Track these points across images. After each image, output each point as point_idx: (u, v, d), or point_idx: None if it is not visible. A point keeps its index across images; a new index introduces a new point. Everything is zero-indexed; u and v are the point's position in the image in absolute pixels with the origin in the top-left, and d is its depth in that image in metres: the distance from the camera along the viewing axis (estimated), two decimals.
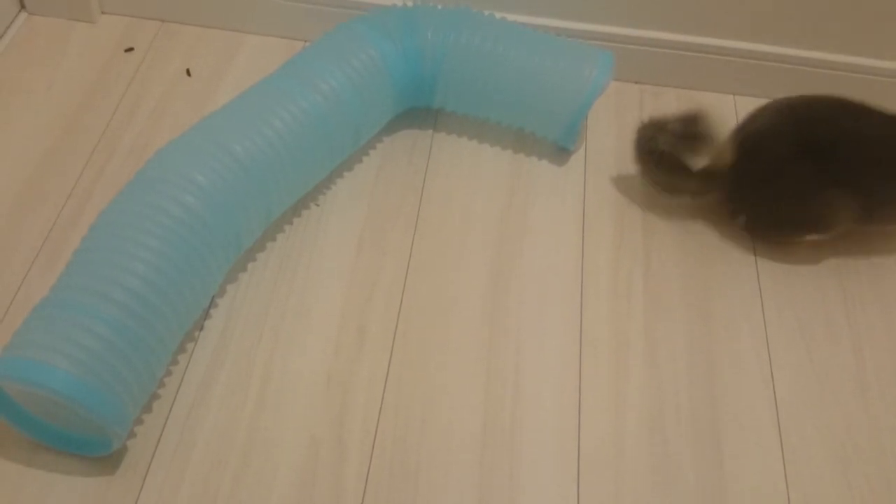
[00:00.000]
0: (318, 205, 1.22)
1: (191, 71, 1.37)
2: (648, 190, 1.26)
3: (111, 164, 1.24)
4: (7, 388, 0.94)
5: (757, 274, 1.19)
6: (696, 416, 1.06)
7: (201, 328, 1.09)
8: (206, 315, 1.10)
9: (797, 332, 1.14)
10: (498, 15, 1.27)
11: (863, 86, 1.37)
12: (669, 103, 1.39)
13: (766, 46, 1.35)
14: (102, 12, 1.44)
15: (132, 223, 0.96)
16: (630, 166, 1.30)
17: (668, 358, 1.10)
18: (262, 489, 0.97)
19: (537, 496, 0.99)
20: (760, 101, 1.39)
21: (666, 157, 1.17)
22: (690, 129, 1.16)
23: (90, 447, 0.97)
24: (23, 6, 1.43)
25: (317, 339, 1.09)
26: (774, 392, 1.08)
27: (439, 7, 1.25)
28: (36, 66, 1.36)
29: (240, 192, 1.04)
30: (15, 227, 1.16)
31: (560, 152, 1.31)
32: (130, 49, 1.39)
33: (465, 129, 1.33)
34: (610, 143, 1.33)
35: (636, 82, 1.42)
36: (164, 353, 0.97)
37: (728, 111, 1.39)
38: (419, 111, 1.33)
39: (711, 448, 1.03)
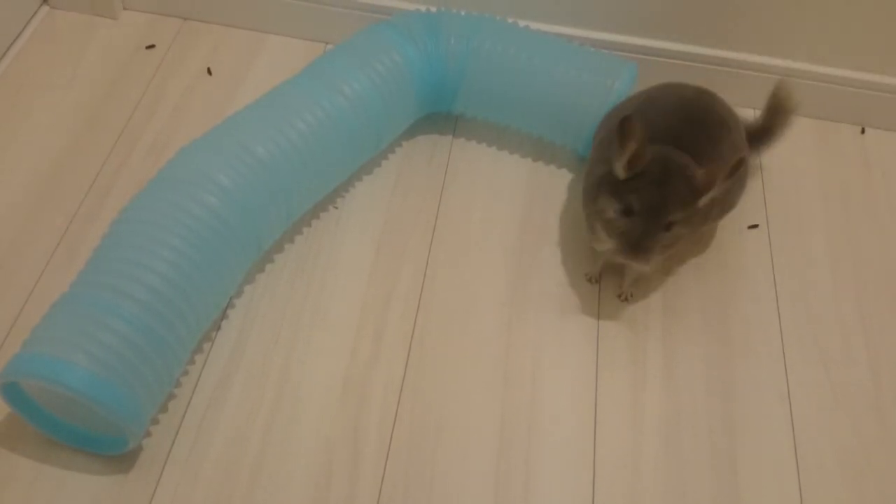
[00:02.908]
0: (336, 207, 1.22)
1: (212, 70, 1.37)
2: None
3: (131, 161, 1.24)
4: (24, 385, 0.93)
5: (775, 292, 1.19)
6: (712, 434, 1.05)
7: (218, 328, 1.09)
8: (223, 315, 1.10)
9: (815, 352, 1.13)
10: (521, 23, 1.27)
11: (883, 104, 1.37)
12: None
13: (787, 62, 1.35)
14: (124, 8, 1.44)
15: (154, 221, 0.96)
16: None
17: (685, 374, 1.10)
18: (277, 491, 0.97)
19: None
20: None
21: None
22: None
23: (106, 445, 0.96)
24: (45, 0, 1.43)
25: (333, 342, 1.09)
26: (791, 411, 1.08)
27: (463, 13, 1.25)
28: (57, 62, 1.36)
29: (261, 193, 1.04)
30: (33, 221, 1.16)
31: (580, 161, 1.31)
32: (152, 46, 1.39)
33: (485, 135, 1.33)
34: None
35: None
36: (183, 352, 0.97)
37: None
38: (439, 116, 1.33)
39: (728, 467, 1.03)
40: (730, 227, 1.25)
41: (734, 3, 1.29)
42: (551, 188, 1.27)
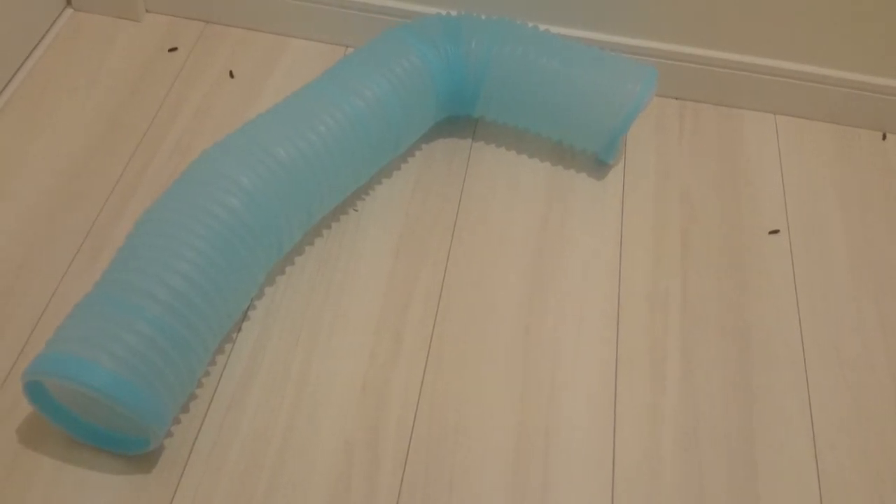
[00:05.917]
0: (356, 210, 1.23)
1: (234, 73, 1.38)
2: (687, 206, 1.26)
3: (153, 164, 1.25)
4: (47, 384, 0.94)
5: (796, 296, 1.18)
6: (731, 437, 1.05)
7: (239, 329, 1.09)
8: (244, 317, 1.10)
9: (834, 355, 1.13)
10: (542, 27, 1.27)
11: None
12: (709, 120, 1.39)
13: (808, 66, 1.35)
14: (147, 11, 1.45)
15: (177, 223, 0.97)
16: (669, 182, 1.29)
17: (704, 377, 1.10)
18: (297, 492, 0.97)
19: None
20: (800, 122, 1.40)
21: None
22: None
23: (127, 445, 0.97)
24: (69, 3, 1.44)
25: (353, 344, 1.09)
26: (811, 415, 1.08)
27: (483, 17, 1.26)
28: (80, 64, 1.37)
29: (282, 195, 1.04)
30: (56, 223, 1.17)
31: (599, 166, 1.31)
32: (174, 49, 1.40)
33: (504, 139, 1.33)
34: (649, 157, 1.33)
35: (677, 98, 1.41)
36: (205, 353, 0.98)
37: (768, 130, 1.38)
38: (458, 119, 1.33)
39: (746, 470, 1.03)
40: (750, 232, 1.25)
41: (755, 8, 1.29)
42: (570, 192, 1.27)
